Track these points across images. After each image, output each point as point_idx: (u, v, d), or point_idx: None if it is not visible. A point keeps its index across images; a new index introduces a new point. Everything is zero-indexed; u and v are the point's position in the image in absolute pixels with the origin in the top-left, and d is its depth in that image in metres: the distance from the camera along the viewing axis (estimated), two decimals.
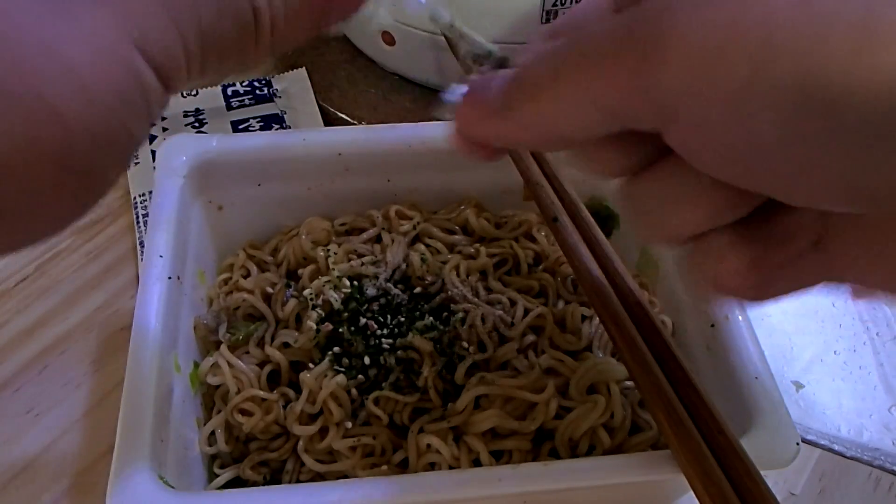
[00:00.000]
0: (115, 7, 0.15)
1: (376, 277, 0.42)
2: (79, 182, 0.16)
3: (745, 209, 0.20)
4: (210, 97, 0.62)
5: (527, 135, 0.21)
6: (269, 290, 0.43)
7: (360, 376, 0.38)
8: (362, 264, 0.42)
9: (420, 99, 0.62)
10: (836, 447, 0.45)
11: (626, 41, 0.17)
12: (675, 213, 0.20)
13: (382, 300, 0.41)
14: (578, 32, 0.19)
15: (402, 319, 0.40)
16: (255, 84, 0.64)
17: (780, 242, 0.20)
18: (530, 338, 0.39)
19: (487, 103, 0.21)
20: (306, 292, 0.41)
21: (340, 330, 0.39)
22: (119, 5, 0.16)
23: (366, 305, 0.40)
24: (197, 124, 0.60)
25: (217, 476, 0.38)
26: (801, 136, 0.15)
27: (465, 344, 0.38)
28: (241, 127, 0.60)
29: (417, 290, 0.42)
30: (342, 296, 0.40)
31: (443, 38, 0.33)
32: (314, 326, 0.39)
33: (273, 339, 0.41)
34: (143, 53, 0.16)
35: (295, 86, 0.64)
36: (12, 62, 0.14)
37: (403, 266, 0.43)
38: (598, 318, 0.38)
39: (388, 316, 0.40)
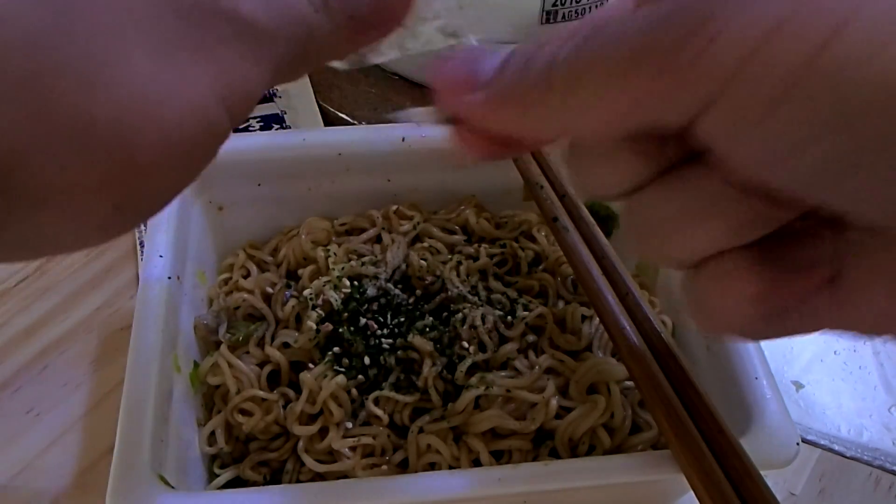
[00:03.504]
0: (217, 66, 0.16)
1: (376, 277, 0.42)
2: (122, 223, 0.16)
3: (760, 229, 0.18)
4: None
5: (542, 126, 0.19)
6: (269, 290, 0.43)
7: (360, 376, 0.38)
8: (362, 264, 0.42)
9: (420, 99, 0.62)
10: (836, 447, 0.45)
11: (671, 16, 0.16)
12: (683, 230, 0.19)
13: (382, 300, 0.41)
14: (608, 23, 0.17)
15: (402, 319, 0.40)
16: None
17: (794, 272, 0.18)
18: (530, 338, 0.39)
19: (502, 88, 0.19)
20: (306, 292, 0.41)
21: (340, 330, 0.39)
22: (220, 64, 0.16)
23: (366, 305, 0.40)
24: None
25: (217, 476, 0.38)
26: (859, 130, 0.14)
27: (465, 344, 0.38)
28: (241, 127, 0.60)
29: (418, 290, 0.42)
30: (342, 296, 0.40)
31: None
32: (314, 326, 0.39)
33: (273, 339, 0.41)
34: (227, 108, 0.16)
35: (295, 86, 0.64)
36: (109, 101, 0.14)
37: (403, 266, 0.43)
38: (598, 318, 0.38)
39: (388, 316, 0.40)
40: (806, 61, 0.14)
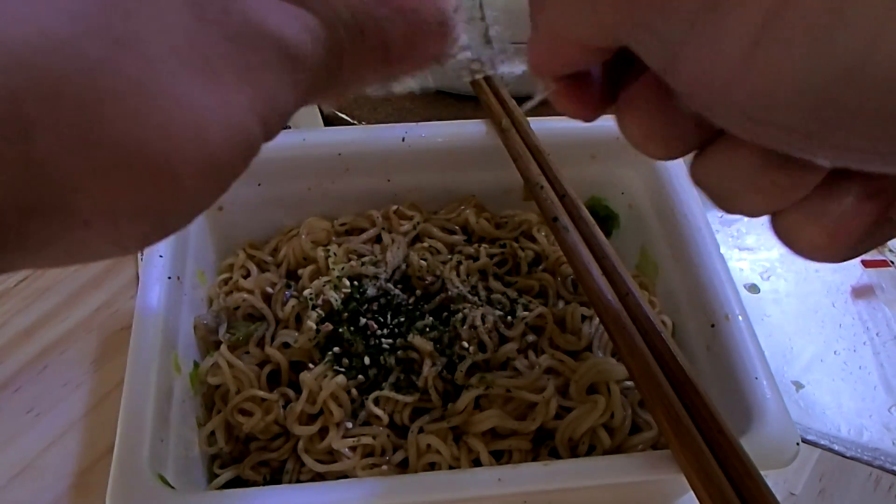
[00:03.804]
0: (260, 88, 0.16)
1: (376, 277, 0.42)
2: (157, 236, 0.16)
3: (805, 188, 0.19)
4: None
5: (551, 48, 0.20)
6: (269, 290, 0.43)
7: (360, 376, 0.38)
8: (362, 264, 0.42)
9: (420, 99, 0.62)
10: (836, 447, 0.45)
11: None
12: (739, 196, 0.20)
13: (382, 300, 0.41)
14: None
15: (402, 319, 0.40)
16: None
17: (862, 205, 0.19)
18: (530, 338, 0.39)
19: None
20: (306, 292, 0.41)
21: (340, 330, 0.39)
22: (263, 86, 0.16)
23: (366, 305, 0.40)
24: None
25: (217, 476, 0.38)
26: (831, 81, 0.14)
27: (465, 344, 0.38)
28: None
29: (418, 290, 0.42)
30: (342, 296, 0.40)
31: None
32: (314, 326, 0.39)
33: (273, 339, 0.41)
34: (264, 128, 0.17)
35: None
36: (159, 128, 0.14)
37: (403, 266, 0.43)
38: (598, 319, 0.38)
39: (388, 316, 0.40)
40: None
